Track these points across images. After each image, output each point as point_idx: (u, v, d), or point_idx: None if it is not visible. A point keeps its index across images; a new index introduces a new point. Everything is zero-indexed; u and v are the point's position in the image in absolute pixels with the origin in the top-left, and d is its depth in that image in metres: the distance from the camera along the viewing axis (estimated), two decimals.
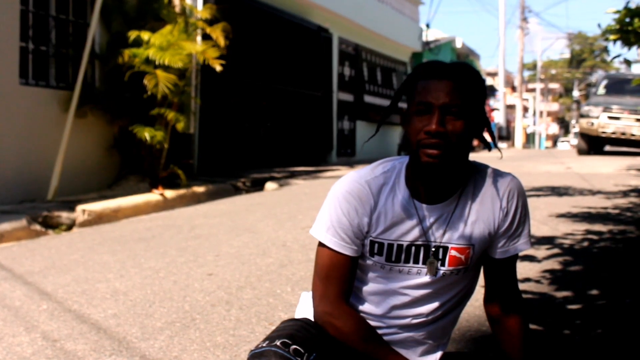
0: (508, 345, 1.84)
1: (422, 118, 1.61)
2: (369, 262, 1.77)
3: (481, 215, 1.74)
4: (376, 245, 1.74)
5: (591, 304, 3.33)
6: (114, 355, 2.66)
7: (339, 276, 1.73)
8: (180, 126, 7.36)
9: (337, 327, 1.71)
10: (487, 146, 1.80)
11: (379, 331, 1.80)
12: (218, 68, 7.61)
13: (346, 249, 1.72)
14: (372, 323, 1.80)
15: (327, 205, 1.75)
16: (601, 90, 16.82)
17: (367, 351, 1.71)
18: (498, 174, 1.76)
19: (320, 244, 1.75)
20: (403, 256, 1.75)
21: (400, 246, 1.74)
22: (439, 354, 1.86)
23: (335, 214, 1.73)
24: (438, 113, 1.59)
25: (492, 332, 1.91)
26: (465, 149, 1.67)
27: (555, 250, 4.52)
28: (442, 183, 1.70)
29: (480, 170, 1.76)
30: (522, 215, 1.77)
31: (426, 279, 1.76)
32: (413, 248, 1.74)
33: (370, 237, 1.74)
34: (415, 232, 1.73)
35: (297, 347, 1.62)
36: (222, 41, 7.77)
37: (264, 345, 1.62)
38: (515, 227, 1.77)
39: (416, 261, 1.75)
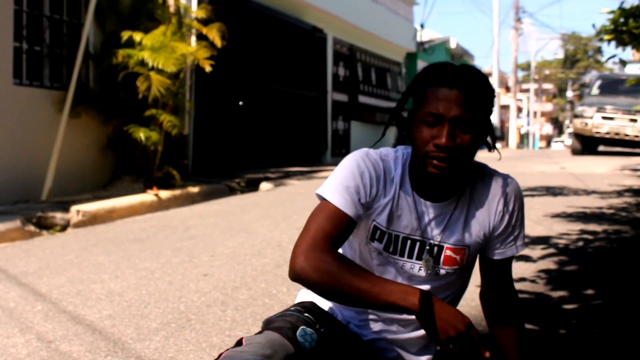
0: (504, 341, 1.86)
1: (431, 129, 1.61)
2: (369, 246, 1.77)
3: (479, 216, 1.76)
4: (378, 231, 1.74)
5: (587, 304, 3.33)
6: (109, 356, 2.65)
7: (334, 231, 1.62)
8: (174, 128, 7.34)
9: (323, 270, 1.55)
10: (488, 147, 1.81)
11: (373, 325, 1.81)
12: (207, 69, 7.61)
13: (349, 208, 1.65)
14: (369, 315, 1.81)
15: (339, 168, 1.72)
16: (595, 90, 16.86)
17: (365, 288, 1.54)
18: (497, 176, 1.78)
19: (321, 203, 1.68)
20: (399, 248, 1.75)
21: (396, 237, 1.75)
22: (433, 351, 1.88)
23: (347, 173, 1.68)
24: (448, 126, 1.58)
25: (488, 328, 1.92)
26: (471, 158, 1.68)
27: (551, 250, 4.52)
28: (444, 186, 1.72)
29: (479, 171, 1.78)
30: (519, 218, 1.80)
31: (421, 275, 1.76)
32: (409, 242, 1.75)
33: (373, 220, 1.73)
34: (413, 226, 1.74)
35: (310, 316, 1.70)
36: (218, 41, 7.77)
37: (278, 313, 1.73)
38: (512, 229, 1.79)
39: (410, 256, 1.76)
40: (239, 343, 1.58)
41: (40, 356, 2.66)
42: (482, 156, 1.72)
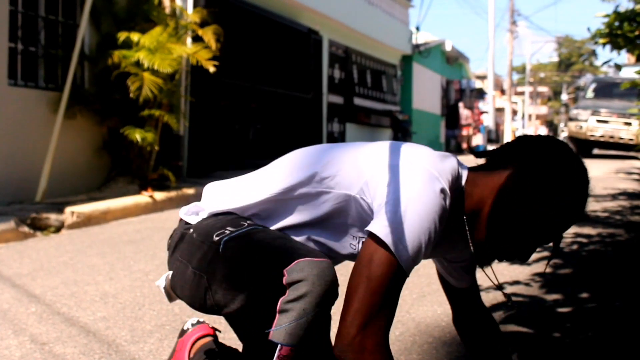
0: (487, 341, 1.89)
1: (533, 244, 1.63)
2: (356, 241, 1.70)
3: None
4: None
5: (581, 307, 3.34)
6: (103, 358, 2.64)
7: (394, 300, 1.43)
8: (173, 126, 7.36)
9: None
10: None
11: None
12: (211, 69, 7.57)
13: (410, 269, 1.45)
14: None
15: (420, 209, 1.43)
16: (590, 93, 16.93)
17: None
18: None
19: (386, 256, 1.40)
20: None
21: None
22: None
23: (429, 225, 1.44)
24: None
25: (468, 351, 1.96)
26: None
27: (545, 253, 4.53)
28: None
29: None
30: None
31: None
32: None
33: None
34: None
35: None
36: (213, 43, 7.75)
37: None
38: None
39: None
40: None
41: (34, 358, 2.65)
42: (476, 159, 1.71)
